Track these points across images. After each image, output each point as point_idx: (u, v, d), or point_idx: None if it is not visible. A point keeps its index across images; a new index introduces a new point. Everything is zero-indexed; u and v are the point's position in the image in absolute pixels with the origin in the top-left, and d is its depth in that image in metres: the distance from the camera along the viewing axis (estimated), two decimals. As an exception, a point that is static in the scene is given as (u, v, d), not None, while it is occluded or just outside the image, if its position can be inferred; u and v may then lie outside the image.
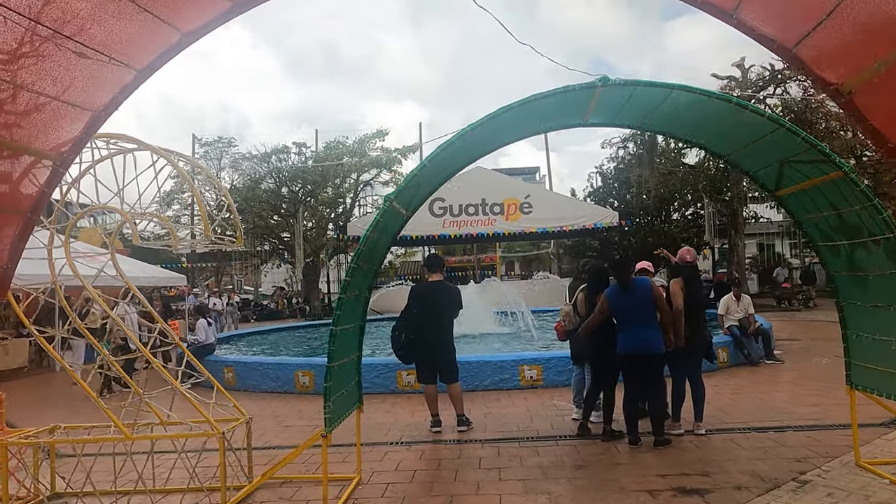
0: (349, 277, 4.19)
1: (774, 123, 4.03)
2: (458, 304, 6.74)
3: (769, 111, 26.38)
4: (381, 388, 9.07)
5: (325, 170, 30.81)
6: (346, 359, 4.61)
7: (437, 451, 6.00)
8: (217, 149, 35.79)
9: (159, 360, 10.21)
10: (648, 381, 5.74)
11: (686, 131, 4.96)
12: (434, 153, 4.13)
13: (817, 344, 12.32)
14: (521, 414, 7.29)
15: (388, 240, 4.95)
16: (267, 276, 51.01)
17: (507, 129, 4.71)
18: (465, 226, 24.02)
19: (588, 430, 6.19)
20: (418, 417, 7.37)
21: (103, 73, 2.76)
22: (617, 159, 33.06)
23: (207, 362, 10.79)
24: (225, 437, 4.57)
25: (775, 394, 7.71)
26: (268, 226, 31.88)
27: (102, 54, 2.59)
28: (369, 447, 6.11)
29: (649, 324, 5.69)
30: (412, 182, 4.26)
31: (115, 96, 3.04)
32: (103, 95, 3.00)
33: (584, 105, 4.56)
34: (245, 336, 16.18)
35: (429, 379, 6.70)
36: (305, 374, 9.57)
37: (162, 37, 2.83)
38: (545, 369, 9.01)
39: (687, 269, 6.28)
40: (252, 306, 32.78)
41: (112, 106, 3.08)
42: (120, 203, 4.80)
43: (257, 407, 8.56)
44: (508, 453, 5.73)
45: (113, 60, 2.67)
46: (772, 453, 5.28)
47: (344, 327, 4.37)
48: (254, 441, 6.55)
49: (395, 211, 4.52)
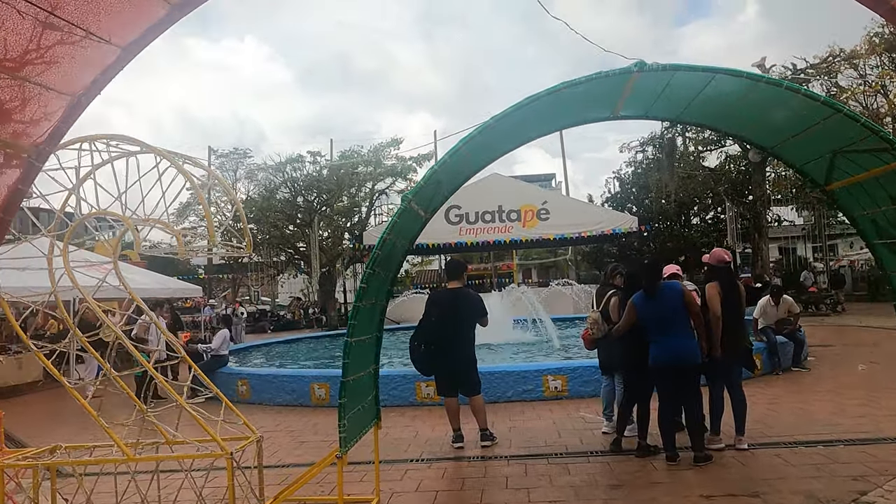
0: (365, 284, 3.87)
1: (830, 108, 3.65)
2: (481, 311, 6.35)
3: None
4: (399, 401, 8.73)
5: (340, 179, 30.69)
6: (362, 372, 4.28)
7: (460, 469, 5.64)
8: (233, 160, 35.91)
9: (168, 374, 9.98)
10: (684, 394, 5.35)
11: (726, 123, 4.59)
12: (455, 147, 3.81)
13: (852, 350, 11.81)
14: (547, 427, 6.90)
15: (406, 244, 4.62)
16: (283, 287, 51.06)
17: (532, 122, 4.38)
18: (482, 233, 23.66)
19: (620, 446, 5.79)
20: (439, 432, 7.02)
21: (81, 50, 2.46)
22: (635, 164, 32.62)
23: (221, 375, 10.54)
24: (233, 457, 4.25)
25: (817, 404, 7.25)
26: (283, 236, 31.77)
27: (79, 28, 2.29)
28: (388, 465, 5.76)
29: (682, 332, 5.29)
30: (431, 180, 3.93)
31: (96, 78, 2.73)
32: (82, 77, 2.70)
33: (616, 94, 4.21)
34: (260, 347, 15.91)
35: (449, 392, 6.33)
36: (321, 386, 9.26)
37: (148, 9, 2.52)
38: (570, 379, 8.62)
39: (724, 272, 5.85)
40: (269, 317, 32.67)
41: (94, 90, 2.77)
42: (122, 209, 4.52)
43: (272, 421, 8.27)
44: (536, 471, 5.35)
45: (91, 36, 2.37)
46: (825, 471, 4.85)
47: (360, 338, 4.04)
48: (267, 459, 6.24)
49: (414, 212, 4.19)
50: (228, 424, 5.01)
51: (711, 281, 5.67)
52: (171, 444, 4.68)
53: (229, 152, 35.80)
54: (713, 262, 5.88)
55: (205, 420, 4.73)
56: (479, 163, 4.67)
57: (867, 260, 31.29)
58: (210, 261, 36.35)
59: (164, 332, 5.00)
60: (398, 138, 34.13)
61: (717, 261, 5.87)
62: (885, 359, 10.59)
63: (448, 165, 3.93)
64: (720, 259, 5.87)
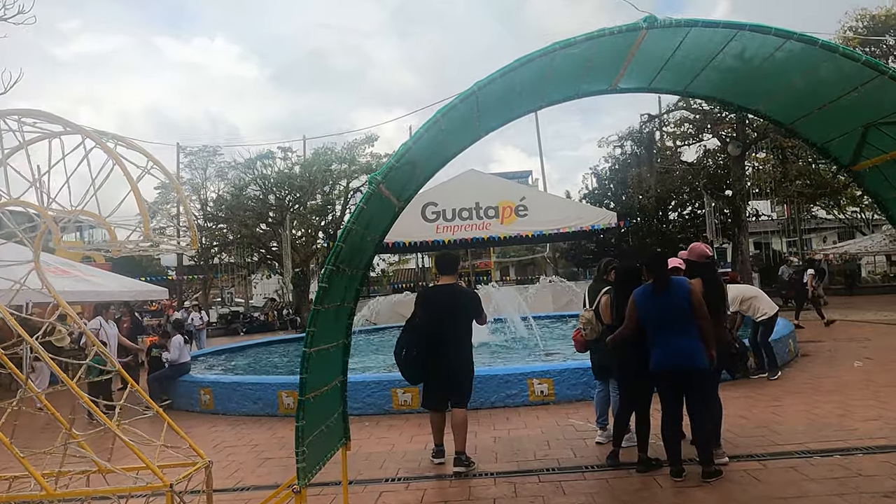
0: (326, 284, 3.24)
1: (873, 70, 3.10)
2: (478, 308, 5.65)
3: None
4: (373, 409, 8.09)
5: (313, 176, 29.83)
6: (325, 387, 3.64)
7: (441, 489, 5.03)
8: (202, 158, 34.72)
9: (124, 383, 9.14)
10: (691, 402, 4.81)
11: (740, 95, 4.04)
12: (432, 119, 3.19)
13: (844, 345, 11.43)
14: (535, 437, 6.33)
15: (377, 237, 3.99)
16: (257, 288, 49.89)
17: (519, 93, 3.78)
18: (459, 230, 23.10)
19: (618, 459, 5.23)
20: (417, 444, 6.41)
21: None
22: (613, 159, 32.27)
23: (182, 383, 9.82)
24: (173, 490, 3.60)
25: (822, 406, 6.77)
26: (254, 235, 30.82)
27: None
28: (360, 486, 5.14)
29: (689, 332, 4.72)
30: (404, 160, 3.31)
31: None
32: None
33: (618, 60, 3.64)
34: (225, 352, 15.13)
35: (437, 405, 5.59)
36: (290, 394, 8.58)
37: None
38: (556, 383, 8.06)
39: (706, 268, 5.31)
40: (242, 318, 31.73)
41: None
42: (38, 198, 3.85)
43: (234, 435, 7.58)
44: (527, 490, 4.77)
45: None
46: (849, 486, 4.34)
47: (321, 347, 3.41)
48: (225, 480, 5.59)
49: (385, 199, 3.57)
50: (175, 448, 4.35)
51: (693, 278, 5.12)
52: (104, 473, 4.02)
53: (198, 150, 34.57)
54: (693, 258, 5.35)
55: (146, 442, 4.08)
56: (457, 143, 4.05)
57: (842, 254, 31.43)
58: (180, 262, 35.24)
59: (92, 340, 4.30)
60: (373, 135, 33.34)
61: (698, 256, 5.36)
62: (879, 354, 10.22)
63: (423, 143, 3.32)
64: (701, 254, 5.36)
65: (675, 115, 28.08)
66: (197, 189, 33.79)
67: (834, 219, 35.53)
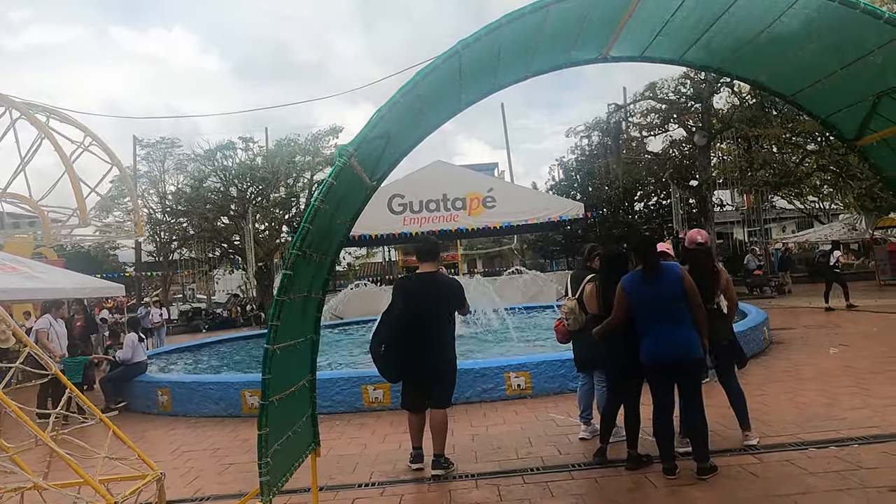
0: (290, 271, 2.83)
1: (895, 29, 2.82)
2: (461, 299, 5.23)
3: (734, 94, 25.42)
4: (344, 407, 7.69)
5: (276, 168, 29.05)
6: (292, 387, 3.24)
7: (420, 494, 4.66)
8: (160, 150, 33.56)
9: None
10: (684, 394, 4.54)
11: (739, 64, 3.74)
12: (411, 82, 2.80)
13: (814, 332, 11.43)
14: (515, 434, 6.01)
15: (348, 221, 3.59)
16: (220, 283, 48.67)
17: (505, 58, 3.42)
18: (427, 222, 22.71)
19: (606, 456, 4.94)
20: (391, 444, 6.04)
21: None
22: (579, 149, 32.22)
23: (138, 384, 9.26)
24: (119, 508, 3.17)
25: (807, 394, 6.60)
26: (215, 229, 29.90)
27: None
28: (331, 493, 4.75)
29: (682, 321, 4.44)
30: (377, 129, 2.91)
31: None
32: None
33: (612, 22, 3.30)
34: (186, 350, 14.47)
35: (416, 405, 5.15)
36: (254, 393, 8.11)
37: None
38: (533, 376, 7.77)
39: (702, 254, 5.10)
40: (203, 315, 30.84)
41: None
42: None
43: (194, 438, 7.10)
44: (512, 494, 4.43)
45: None
46: (852, 479, 4.11)
47: (286, 344, 3.00)
48: (183, 490, 5.13)
49: (356, 176, 3.18)
50: (123, 460, 3.90)
51: (684, 265, 4.92)
52: (40, 490, 3.55)
53: (156, 142, 33.40)
54: (687, 245, 5.22)
55: (90, 455, 3.63)
56: (435, 116, 3.67)
57: (803, 242, 32.03)
58: (139, 258, 34.06)
59: (24, 341, 3.81)
60: (338, 127, 32.66)
61: (690, 242, 5.21)
62: (851, 340, 10.20)
63: (399, 110, 2.92)
64: (694, 240, 5.17)
65: (642, 105, 28.11)
66: (155, 182, 32.69)
67: (794, 208, 36.17)
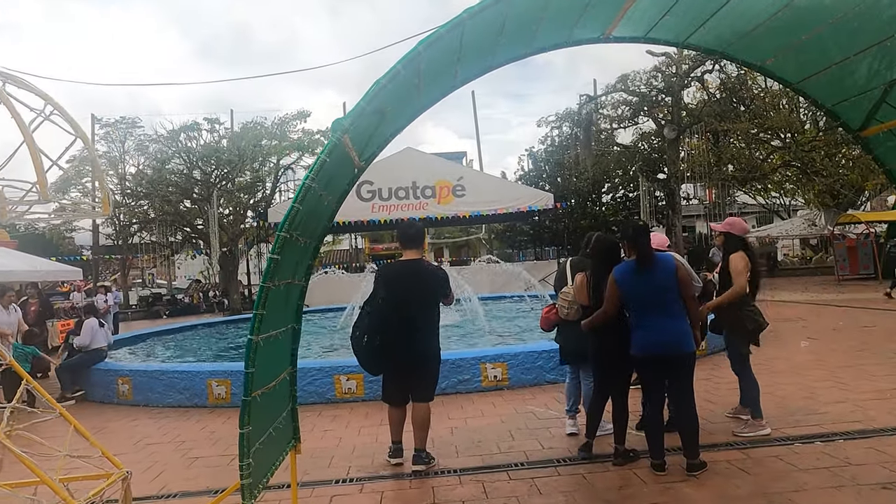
0: (278, 255, 2.59)
1: (922, 11, 2.70)
2: (445, 287, 4.95)
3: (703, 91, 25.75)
4: (315, 398, 7.45)
5: (241, 151, 28.32)
6: (273, 381, 3.00)
7: (400, 490, 4.47)
8: (120, 130, 32.38)
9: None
10: (676, 388, 4.43)
11: (747, 49, 3.60)
12: (413, 52, 2.58)
13: (781, 325, 11.54)
14: (496, 427, 5.85)
15: (335, 200, 3.34)
16: (181, 268, 47.50)
17: (507, 33, 3.21)
18: (396, 210, 22.45)
19: (592, 451, 4.82)
20: (367, 436, 5.83)
21: None
22: (549, 140, 32.24)
23: (97, 372, 8.84)
24: (81, 512, 2.90)
25: (784, 388, 6.61)
26: (178, 212, 29.05)
27: None
28: (307, 489, 4.52)
29: (676, 313, 4.33)
30: (374, 103, 2.68)
31: None
32: None
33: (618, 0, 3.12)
34: (146, 337, 13.97)
35: (397, 399, 4.92)
36: (221, 382, 7.80)
37: None
38: (510, 367, 7.64)
39: (745, 243, 5.33)
40: (164, 301, 30.04)
41: None
42: None
43: (158, 430, 6.77)
44: (498, 491, 4.27)
45: None
46: (843, 476, 4.05)
47: (270, 334, 2.76)
48: (148, 486, 4.83)
49: (346, 154, 2.94)
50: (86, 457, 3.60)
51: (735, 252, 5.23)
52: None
53: (115, 122, 32.19)
54: (738, 233, 5.37)
55: (49, 451, 3.33)
56: (430, 92, 3.44)
57: (765, 237, 32.69)
58: (96, 241, 32.93)
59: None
60: (305, 111, 31.99)
61: (741, 230, 5.42)
62: (820, 334, 10.36)
63: (399, 83, 2.70)
64: (743, 229, 5.44)
65: (613, 97, 28.22)
66: (114, 163, 31.58)
67: (756, 203, 36.86)
